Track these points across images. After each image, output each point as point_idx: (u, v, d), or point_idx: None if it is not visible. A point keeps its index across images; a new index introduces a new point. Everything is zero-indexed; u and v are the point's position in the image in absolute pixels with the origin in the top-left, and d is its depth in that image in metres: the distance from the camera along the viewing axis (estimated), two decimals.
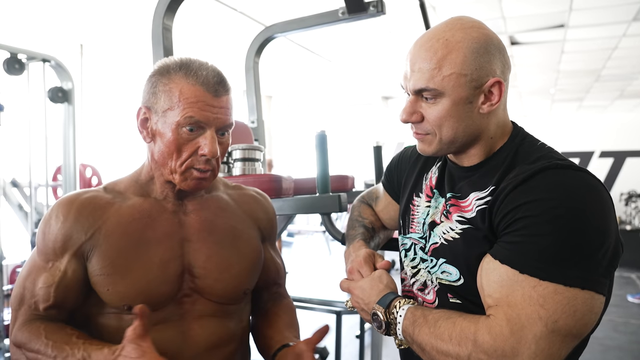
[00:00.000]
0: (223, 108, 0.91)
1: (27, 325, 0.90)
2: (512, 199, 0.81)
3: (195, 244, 0.96)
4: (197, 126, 0.89)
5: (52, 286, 0.90)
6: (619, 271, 7.01)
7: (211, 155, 0.89)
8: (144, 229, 0.93)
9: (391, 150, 10.07)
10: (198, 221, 0.98)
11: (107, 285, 0.90)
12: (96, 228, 0.91)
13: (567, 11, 4.32)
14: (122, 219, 0.93)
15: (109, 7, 4.28)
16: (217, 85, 0.90)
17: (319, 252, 8.69)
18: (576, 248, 0.75)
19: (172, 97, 0.89)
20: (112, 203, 0.94)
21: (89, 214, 0.91)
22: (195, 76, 0.89)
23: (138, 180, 0.99)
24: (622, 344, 4.03)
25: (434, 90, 0.86)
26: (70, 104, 3.39)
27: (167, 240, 0.94)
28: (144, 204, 0.96)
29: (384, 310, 0.90)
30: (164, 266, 0.92)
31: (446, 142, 0.90)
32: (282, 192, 1.54)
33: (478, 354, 0.76)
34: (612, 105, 9.28)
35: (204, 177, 0.92)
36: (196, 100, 0.88)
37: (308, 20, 2.07)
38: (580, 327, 0.75)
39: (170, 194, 0.98)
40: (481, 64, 0.84)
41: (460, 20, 0.89)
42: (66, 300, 0.91)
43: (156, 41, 1.68)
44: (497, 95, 0.86)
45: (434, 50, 0.85)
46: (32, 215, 3.50)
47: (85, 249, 0.91)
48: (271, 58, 6.10)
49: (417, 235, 1.02)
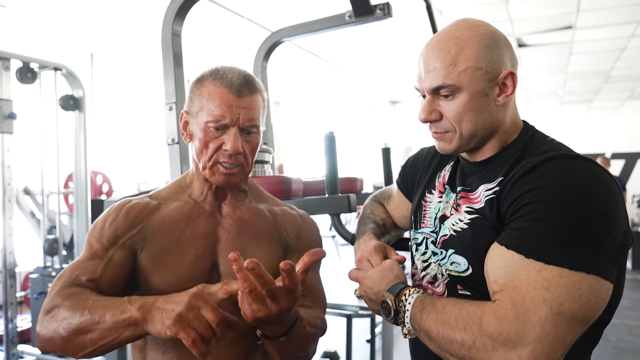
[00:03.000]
0: (245, 108, 0.97)
1: (66, 288, 0.90)
2: (519, 186, 0.82)
3: (223, 244, 1.03)
4: (222, 125, 0.96)
5: (100, 264, 0.94)
6: (632, 274, 6.92)
7: (233, 151, 0.96)
8: (184, 229, 1.01)
9: (399, 154, 10.06)
10: (230, 222, 1.05)
11: (147, 278, 0.97)
12: (143, 226, 1.00)
13: (575, 12, 4.31)
14: (165, 219, 1.02)
15: (118, 16, 4.34)
16: (240, 87, 0.97)
17: (329, 257, 8.66)
18: (582, 233, 0.75)
19: (202, 99, 0.98)
20: (157, 207, 1.04)
21: (137, 214, 1.01)
22: (222, 79, 0.97)
23: (182, 184, 1.09)
24: (636, 347, 3.98)
25: (451, 86, 0.88)
26: (81, 112, 3.43)
27: (202, 239, 1.02)
28: (184, 206, 1.05)
29: (394, 298, 0.90)
30: (195, 263, 0.99)
31: (467, 136, 0.92)
32: (292, 193, 1.55)
33: (483, 338, 0.76)
34: (622, 106, 9.21)
35: (230, 172, 0.99)
36: (220, 101, 0.96)
37: (315, 24, 2.09)
38: (586, 312, 0.75)
39: (208, 195, 1.05)
40: (493, 57, 0.88)
41: (466, 20, 0.92)
42: (109, 280, 0.94)
43: (166, 47, 1.70)
44: (511, 87, 0.89)
45: (447, 48, 0.89)
46: (44, 223, 3.54)
47: (134, 242, 0.98)
48: (279, 64, 6.14)
49: (429, 230, 1.03)
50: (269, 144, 2.28)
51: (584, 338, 0.78)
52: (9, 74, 3.08)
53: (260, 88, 1.02)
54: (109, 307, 0.83)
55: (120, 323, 0.81)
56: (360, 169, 8.32)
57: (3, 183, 3.10)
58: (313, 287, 1.10)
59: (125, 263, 0.97)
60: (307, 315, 1.00)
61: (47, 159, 3.43)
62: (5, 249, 3.14)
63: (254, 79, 1.01)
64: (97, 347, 0.83)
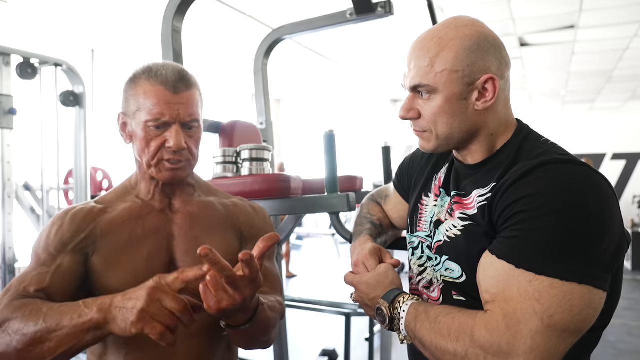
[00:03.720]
0: (184, 104, 0.97)
1: (15, 301, 0.87)
2: (511, 193, 0.80)
3: (177, 239, 1.03)
4: (162, 123, 0.97)
5: (48, 273, 0.92)
6: (632, 274, 6.92)
7: (177, 147, 0.96)
8: (134, 227, 1.00)
9: (400, 152, 10.05)
10: (182, 218, 1.05)
11: (101, 280, 0.96)
12: (91, 229, 0.98)
13: (577, 12, 4.29)
14: (113, 221, 1.01)
15: (119, 12, 4.33)
16: (176, 83, 0.97)
17: (328, 255, 8.68)
18: (574, 242, 0.74)
19: (138, 99, 0.98)
20: (103, 210, 1.03)
21: (82, 218, 0.99)
22: (156, 77, 0.97)
23: (128, 186, 1.09)
24: (636, 347, 3.98)
25: (427, 86, 0.89)
26: (82, 108, 3.42)
27: (154, 236, 1.01)
28: (132, 206, 1.04)
29: (388, 305, 0.90)
30: (150, 260, 0.99)
31: (442, 138, 0.92)
32: (291, 191, 1.54)
33: (475, 349, 0.76)
34: (624, 106, 9.19)
35: (176, 167, 1.00)
36: (157, 99, 0.96)
37: (316, 21, 2.08)
38: (577, 323, 0.74)
39: (156, 192, 1.05)
40: (473, 60, 0.86)
41: (455, 19, 0.91)
42: (59, 287, 0.91)
43: (166, 43, 1.69)
44: (491, 92, 0.87)
45: (428, 48, 0.89)
46: (44, 219, 3.54)
47: (83, 246, 0.97)
48: (280, 62, 6.13)
49: (424, 234, 1.03)
50: (268, 141, 2.27)
51: (583, 342, 0.77)
52: (9, 69, 3.07)
53: (195, 82, 1.02)
54: (65, 313, 0.80)
55: (80, 327, 0.79)
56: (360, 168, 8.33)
57: (3, 178, 3.10)
58: (269, 273, 1.10)
59: (75, 268, 0.95)
60: (266, 300, 1.00)
61: (47, 155, 3.42)
62: (4, 245, 3.13)
63: (188, 74, 1.01)
64: (56, 356, 0.80)
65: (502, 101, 0.91)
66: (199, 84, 1.04)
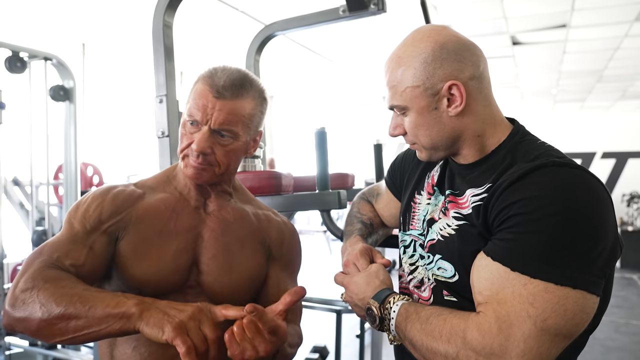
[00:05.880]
0: (222, 110, 0.95)
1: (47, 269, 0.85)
2: (507, 196, 0.80)
3: (207, 241, 1.02)
4: (194, 121, 0.97)
5: (83, 250, 0.91)
6: (620, 272, 6.99)
7: (198, 151, 0.95)
8: (168, 220, 1.00)
9: (392, 150, 10.06)
10: (215, 221, 1.04)
11: (127, 267, 0.96)
12: (127, 213, 0.98)
13: (570, 11, 4.32)
14: (149, 209, 1.00)
15: (110, 6, 4.28)
16: (223, 89, 0.95)
17: (320, 252, 8.69)
18: (569, 247, 0.74)
19: (191, 95, 0.99)
20: (142, 196, 1.02)
21: (123, 200, 0.99)
22: (210, 78, 0.97)
23: (169, 175, 1.08)
24: (623, 344, 4.02)
25: (398, 106, 0.93)
26: (72, 103, 3.39)
27: (184, 233, 1.01)
28: (170, 198, 1.04)
29: (379, 305, 0.90)
30: (176, 257, 0.98)
31: (429, 148, 0.94)
32: (282, 189, 1.54)
33: (467, 351, 0.76)
34: (614, 106, 9.26)
35: (198, 167, 0.97)
36: (200, 99, 0.96)
37: (309, 18, 2.07)
38: (570, 327, 0.74)
39: (192, 189, 1.05)
40: (431, 72, 0.88)
41: (414, 34, 0.93)
42: (91, 269, 0.92)
43: (157, 39, 1.68)
44: (459, 97, 0.88)
45: (391, 69, 0.93)
46: (33, 214, 3.51)
47: (116, 228, 0.97)
48: (272, 58, 6.11)
49: (417, 232, 1.02)
50: None
51: (572, 344, 0.78)
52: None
53: (250, 94, 0.98)
54: (102, 298, 0.81)
55: (114, 315, 0.79)
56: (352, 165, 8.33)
57: None
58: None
59: (106, 251, 0.95)
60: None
61: (36, 150, 3.39)
62: None
63: (246, 84, 0.98)
64: (78, 335, 0.80)
65: (481, 101, 0.90)
66: (256, 97, 1.00)
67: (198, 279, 1.01)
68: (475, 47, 0.91)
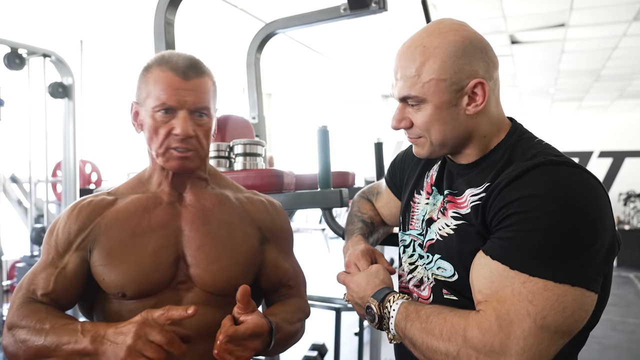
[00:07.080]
0: (194, 90, 0.95)
1: (24, 305, 0.92)
2: (505, 195, 0.80)
3: (189, 233, 1.00)
4: (169, 107, 0.94)
5: (53, 276, 0.95)
6: (617, 270, 7.02)
7: (183, 134, 0.94)
8: (140, 220, 0.99)
9: (391, 148, 10.07)
10: (193, 212, 1.02)
11: (103, 275, 0.96)
12: (95, 224, 0.98)
13: (568, 10, 4.33)
14: (119, 214, 0.99)
15: (109, 2, 4.27)
16: (186, 69, 0.95)
17: (318, 250, 8.69)
18: (567, 245, 0.75)
19: (148, 86, 0.96)
20: (113, 202, 1.01)
21: (88, 214, 0.99)
22: (167, 63, 0.95)
23: (142, 177, 1.06)
24: (620, 342, 4.04)
25: (415, 97, 0.88)
26: (71, 100, 3.38)
27: (161, 230, 0.99)
28: (141, 198, 1.02)
29: (378, 304, 0.90)
30: (156, 254, 0.97)
31: (437, 144, 0.92)
32: (284, 186, 1.54)
33: (467, 349, 0.76)
34: (611, 105, 9.29)
35: (184, 156, 0.96)
36: (166, 85, 0.94)
37: (310, 16, 2.07)
38: (569, 324, 0.75)
39: (165, 184, 1.03)
40: (460, 67, 0.85)
41: (438, 24, 0.90)
42: (63, 291, 0.95)
43: (158, 36, 1.68)
44: (481, 96, 0.87)
45: (413, 58, 0.88)
46: (32, 211, 3.50)
47: (86, 243, 0.97)
48: (272, 56, 6.10)
49: (416, 232, 1.03)
50: (261, 136, 2.27)
51: (571, 342, 0.78)
52: None
53: (207, 71, 1.00)
54: (63, 335, 0.85)
55: (77, 351, 0.84)
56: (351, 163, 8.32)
57: None
58: (292, 271, 1.13)
59: (79, 269, 0.96)
60: (285, 314, 1.02)
61: (35, 147, 3.38)
62: None
63: (201, 62, 0.99)
64: None
65: (493, 102, 0.90)
66: (212, 74, 1.02)
67: (187, 273, 0.99)
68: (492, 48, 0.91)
